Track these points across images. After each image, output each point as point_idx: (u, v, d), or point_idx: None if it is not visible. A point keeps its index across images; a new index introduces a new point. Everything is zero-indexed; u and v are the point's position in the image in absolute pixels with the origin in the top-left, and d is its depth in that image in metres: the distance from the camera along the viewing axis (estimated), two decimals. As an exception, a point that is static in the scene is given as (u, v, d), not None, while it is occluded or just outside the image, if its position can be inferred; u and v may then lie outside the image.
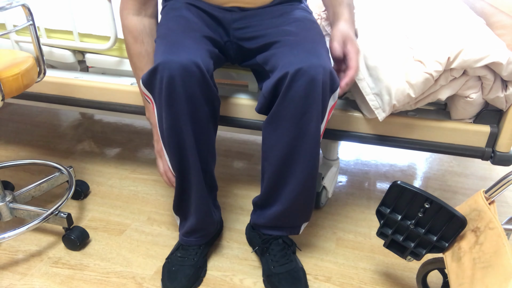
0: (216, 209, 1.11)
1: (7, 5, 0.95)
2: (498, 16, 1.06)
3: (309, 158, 0.92)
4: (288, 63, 0.85)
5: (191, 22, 0.96)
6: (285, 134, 0.90)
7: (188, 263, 1.05)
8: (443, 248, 0.88)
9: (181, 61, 0.83)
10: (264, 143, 0.95)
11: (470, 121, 1.07)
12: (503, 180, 0.79)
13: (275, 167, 0.95)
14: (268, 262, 1.06)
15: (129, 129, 1.87)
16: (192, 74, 0.84)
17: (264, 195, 1.02)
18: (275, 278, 1.02)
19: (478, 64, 0.91)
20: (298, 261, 1.09)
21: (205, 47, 0.91)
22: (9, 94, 0.97)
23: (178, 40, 0.89)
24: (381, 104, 1.02)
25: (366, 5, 1.17)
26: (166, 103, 0.87)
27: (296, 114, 0.87)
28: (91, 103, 1.29)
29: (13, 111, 2.02)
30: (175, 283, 1.01)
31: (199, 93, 0.87)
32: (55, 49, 1.32)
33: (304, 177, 0.94)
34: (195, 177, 0.96)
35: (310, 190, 0.98)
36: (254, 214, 1.10)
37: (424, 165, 1.67)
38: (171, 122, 0.89)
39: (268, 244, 1.08)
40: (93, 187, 1.44)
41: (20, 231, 1.08)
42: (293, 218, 1.04)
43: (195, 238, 1.07)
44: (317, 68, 0.84)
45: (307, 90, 0.85)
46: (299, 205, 1.00)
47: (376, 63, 1.00)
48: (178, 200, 1.02)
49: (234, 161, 1.64)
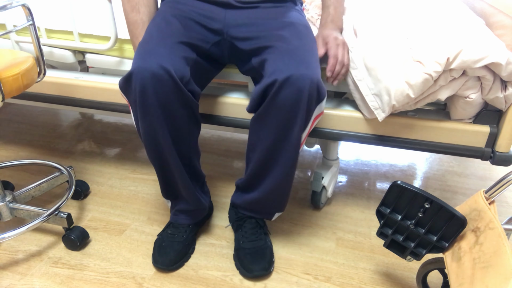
0: (204, 194, 1.17)
1: (7, 5, 0.95)
2: (498, 16, 1.06)
3: (286, 161, 0.98)
4: (278, 70, 0.89)
5: (173, 27, 1.00)
6: (269, 136, 0.96)
7: (177, 239, 1.12)
8: (443, 248, 0.88)
9: (152, 69, 0.88)
10: (250, 137, 1.02)
11: (469, 121, 1.07)
12: (503, 180, 0.79)
13: (258, 162, 1.02)
14: (239, 237, 1.14)
15: (129, 129, 1.87)
16: (164, 82, 0.89)
17: (246, 182, 1.10)
18: (241, 252, 1.11)
19: (477, 64, 0.92)
20: (268, 241, 1.16)
21: (180, 54, 0.95)
22: (9, 94, 0.97)
23: (153, 48, 0.93)
24: (380, 104, 1.02)
25: (366, 5, 1.17)
26: (140, 111, 0.92)
27: (280, 120, 0.92)
28: (91, 103, 1.29)
29: (13, 111, 2.02)
30: (164, 256, 1.09)
31: (173, 99, 0.92)
32: (55, 49, 1.32)
33: (281, 176, 1.01)
34: (177, 173, 1.03)
35: (285, 186, 1.05)
36: (235, 195, 1.18)
37: (424, 165, 1.67)
38: (147, 129, 0.95)
39: (242, 221, 1.16)
40: (93, 187, 1.44)
41: (20, 231, 1.08)
42: (267, 207, 1.12)
43: (184, 217, 1.15)
44: (304, 79, 0.88)
45: (293, 99, 0.89)
46: (274, 196, 1.08)
47: (375, 64, 1.00)
48: (164, 188, 1.10)
49: (234, 161, 1.64)
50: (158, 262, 1.09)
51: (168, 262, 1.09)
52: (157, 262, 1.09)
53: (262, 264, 1.07)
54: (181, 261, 1.11)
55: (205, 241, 1.21)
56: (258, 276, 1.08)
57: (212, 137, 1.84)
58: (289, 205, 1.37)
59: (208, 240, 1.21)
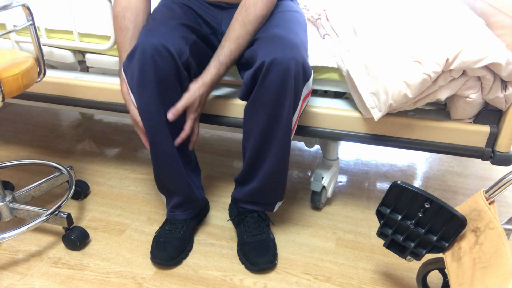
0: (200, 187, 1.19)
1: (7, 5, 0.95)
2: (498, 16, 1.06)
3: (281, 143, 1.02)
4: (265, 54, 0.94)
5: (174, 11, 1.06)
6: (261, 119, 0.99)
7: (175, 235, 1.14)
8: (443, 248, 0.88)
9: (154, 44, 0.93)
10: (245, 126, 1.05)
11: (469, 121, 1.07)
12: (503, 180, 0.79)
13: (253, 148, 1.04)
14: (242, 232, 1.16)
15: (129, 129, 1.87)
16: (163, 58, 0.93)
17: (243, 173, 1.13)
18: (246, 247, 1.12)
19: (477, 65, 0.91)
20: (271, 233, 1.18)
21: (180, 33, 0.99)
22: (9, 94, 0.97)
23: (154, 27, 0.98)
24: (377, 103, 1.02)
25: (365, 4, 1.17)
26: (138, 87, 0.95)
27: (271, 101, 0.96)
28: (91, 103, 1.29)
29: (13, 111, 2.02)
30: (162, 252, 1.10)
31: (172, 76, 0.96)
32: (55, 49, 1.32)
33: (276, 158, 1.04)
34: (170, 156, 1.04)
35: (282, 171, 1.08)
36: (235, 190, 1.20)
37: (424, 165, 1.67)
38: (144, 106, 0.97)
39: (243, 216, 1.18)
40: (93, 187, 1.44)
41: (20, 231, 1.08)
42: (267, 195, 1.14)
43: (180, 212, 1.17)
44: (290, 59, 0.92)
45: (280, 80, 0.93)
46: (273, 183, 1.10)
47: (374, 63, 1.00)
48: (158, 181, 1.12)
49: (234, 161, 1.64)
50: (157, 257, 1.09)
51: (166, 258, 1.09)
52: (156, 258, 1.09)
53: (267, 257, 1.09)
54: (179, 257, 1.12)
55: (205, 241, 1.21)
56: (264, 269, 1.10)
57: (212, 137, 1.84)
58: (289, 205, 1.38)
59: (208, 240, 1.21)
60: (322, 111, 1.12)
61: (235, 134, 1.87)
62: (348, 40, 1.13)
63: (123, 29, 1.04)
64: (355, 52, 1.06)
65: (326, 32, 1.31)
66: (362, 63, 1.04)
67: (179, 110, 0.99)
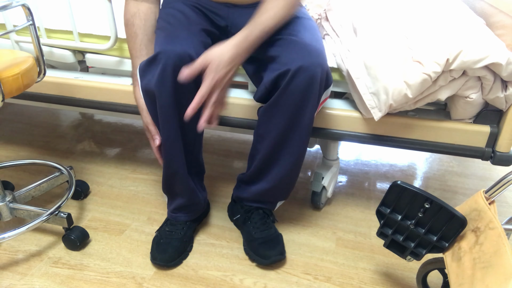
0: (202, 190, 1.20)
1: (7, 5, 0.95)
2: (498, 16, 1.06)
3: (298, 146, 1.03)
4: (291, 59, 0.94)
5: (188, 15, 1.04)
6: (280, 123, 1.00)
7: (175, 236, 1.14)
8: (443, 248, 0.88)
9: (177, 51, 0.92)
10: (259, 128, 1.05)
11: (470, 121, 1.07)
12: (503, 180, 0.79)
13: (267, 150, 1.05)
14: (249, 229, 1.16)
15: (129, 129, 1.87)
16: (185, 64, 0.92)
17: (252, 173, 1.12)
18: (255, 242, 1.13)
19: (477, 65, 0.91)
20: (276, 229, 1.19)
21: (199, 39, 0.99)
22: (9, 94, 0.97)
23: (173, 32, 0.97)
24: (377, 103, 1.02)
25: (366, 4, 1.17)
26: (157, 88, 0.93)
27: (293, 105, 0.97)
28: (91, 103, 1.29)
29: (13, 111, 2.02)
30: (162, 253, 1.10)
31: (190, 82, 0.95)
32: (55, 49, 1.32)
33: (291, 162, 1.06)
34: (180, 163, 1.04)
35: (294, 174, 1.10)
36: (238, 189, 1.20)
37: (424, 165, 1.67)
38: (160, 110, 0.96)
39: (249, 213, 1.18)
40: (93, 187, 1.44)
41: (20, 231, 1.08)
42: (274, 196, 1.16)
43: (182, 214, 1.16)
44: (316, 67, 0.94)
45: (306, 86, 0.94)
46: (284, 184, 1.12)
47: (374, 63, 1.00)
48: (166, 183, 1.11)
49: (234, 161, 1.64)
50: (157, 259, 1.09)
51: (166, 259, 1.09)
52: (156, 259, 1.09)
53: (278, 249, 1.11)
54: (179, 258, 1.12)
55: (205, 241, 1.21)
56: (276, 261, 1.11)
57: (212, 137, 1.84)
58: (289, 205, 1.37)
59: (208, 240, 1.21)
60: (323, 111, 1.12)
61: (235, 134, 1.87)
62: (348, 40, 1.13)
63: (133, 36, 1.05)
64: (355, 52, 1.06)
65: (326, 32, 1.31)
66: (362, 63, 1.04)
67: (194, 70, 0.88)
